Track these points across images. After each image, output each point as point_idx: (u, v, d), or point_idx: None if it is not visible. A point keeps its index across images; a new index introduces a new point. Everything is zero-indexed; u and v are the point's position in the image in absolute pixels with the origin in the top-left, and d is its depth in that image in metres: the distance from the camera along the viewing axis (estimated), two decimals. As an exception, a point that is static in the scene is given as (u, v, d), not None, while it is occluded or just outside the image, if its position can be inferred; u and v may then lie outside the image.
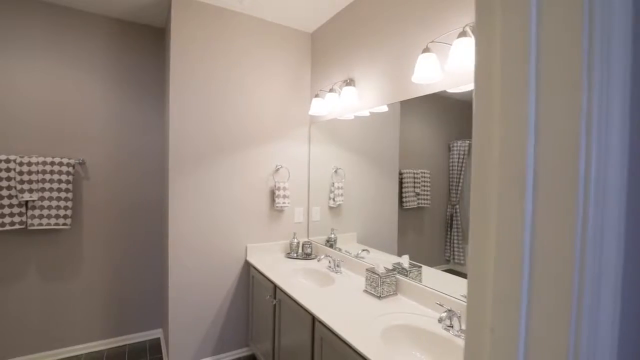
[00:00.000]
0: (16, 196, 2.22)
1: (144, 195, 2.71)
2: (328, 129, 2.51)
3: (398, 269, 1.81)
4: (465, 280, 1.50)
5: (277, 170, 2.56)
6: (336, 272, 2.11)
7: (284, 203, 2.49)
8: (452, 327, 1.36)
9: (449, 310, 1.36)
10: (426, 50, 1.46)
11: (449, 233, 1.58)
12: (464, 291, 1.49)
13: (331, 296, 1.72)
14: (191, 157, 2.24)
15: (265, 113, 2.50)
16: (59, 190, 2.33)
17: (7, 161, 2.21)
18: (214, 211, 2.31)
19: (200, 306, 2.28)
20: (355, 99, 2.03)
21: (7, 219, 2.20)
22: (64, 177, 2.35)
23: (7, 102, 2.26)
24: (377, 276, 1.71)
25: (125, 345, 2.63)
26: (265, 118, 2.50)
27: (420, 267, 1.70)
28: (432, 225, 1.67)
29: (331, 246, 2.44)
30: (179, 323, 2.21)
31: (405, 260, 1.82)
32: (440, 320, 1.36)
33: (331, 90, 2.18)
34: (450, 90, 1.52)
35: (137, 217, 2.68)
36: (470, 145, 1.48)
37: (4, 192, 2.20)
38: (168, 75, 2.26)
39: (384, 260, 1.93)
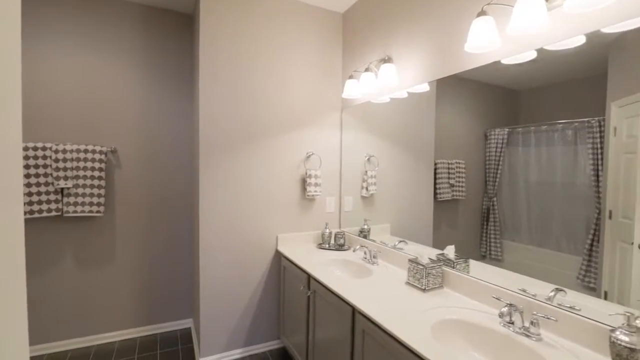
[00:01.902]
0: (52, 183, 2.25)
1: (175, 184, 2.69)
2: (360, 114, 2.38)
3: (443, 260, 1.66)
4: (519, 275, 1.37)
5: (308, 157, 2.46)
6: (372, 264, 1.98)
7: (315, 191, 2.39)
8: (512, 323, 1.20)
9: (510, 305, 1.21)
10: (482, 13, 1.29)
11: (485, 227, 1.48)
12: (520, 285, 1.35)
13: (370, 288, 1.60)
14: (221, 144, 2.17)
15: (295, 98, 2.40)
16: (92, 177, 2.34)
17: (44, 149, 2.23)
18: (243, 199, 2.25)
19: (230, 296, 2.22)
20: (395, 78, 1.88)
21: (44, 206, 2.23)
22: (97, 165, 2.35)
23: (42, 91, 2.29)
24: (421, 267, 1.57)
25: (157, 334, 2.63)
26: (296, 103, 2.40)
27: (467, 259, 1.55)
28: (466, 218, 1.57)
29: (365, 237, 2.32)
30: (210, 314, 2.17)
31: (450, 252, 1.67)
32: (501, 315, 1.20)
33: (367, 70, 2.04)
34: (505, 61, 1.35)
35: (168, 206, 2.67)
36: (509, 134, 1.35)
37: (41, 179, 2.22)
38: (197, 62, 2.21)
39: (425, 253, 1.79)
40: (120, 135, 2.50)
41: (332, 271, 2.06)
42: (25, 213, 2.17)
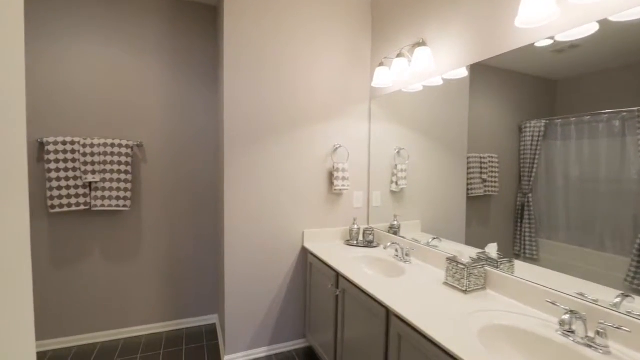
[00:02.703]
0: (80, 177, 2.27)
1: (200, 178, 2.66)
2: (390, 105, 2.25)
3: (485, 259, 1.52)
4: (570, 277, 1.20)
5: (336, 150, 2.36)
6: (405, 262, 1.86)
7: (343, 185, 2.29)
8: (572, 332, 1.06)
9: (572, 312, 1.07)
10: (538, -20, 1.14)
11: (519, 225, 1.40)
12: (574, 288, 1.20)
13: (404, 288, 1.48)
14: (246, 137, 2.11)
15: (322, 88, 2.30)
16: (119, 172, 2.34)
17: (72, 143, 2.25)
18: (269, 193, 2.18)
19: (256, 293, 2.17)
20: (430, 62, 1.74)
21: (73, 200, 2.25)
22: (123, 159, 2.35)
23: (69, 86, 2.30)
24: (462, 267, 1.44)
25: (182, 329, 2.63)
26: (322, 94, 2.31)
27: (511, 258, 1.41)
28: (499, 215, 1.50)
29: (395, 234, 2.20)
30: (235, 310, 2.12)
31: (492, 250, 1.53)
32: (562, 323, 1.06)
33: (399, 56, 1.91)
34: (560, 37, 1.20)
35: (194, 201, 2.65)
36: (547, 127, 1.27)
37: (70, 174, 2.25)
38: (222, 53, 2.15)
39: (463, 251, 1.65)
40: (146, 129, 2.50)
41: (362, 269, 1.95)
42: (54, 207, 2.20)
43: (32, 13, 2.20)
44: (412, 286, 1.50)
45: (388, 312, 1.35)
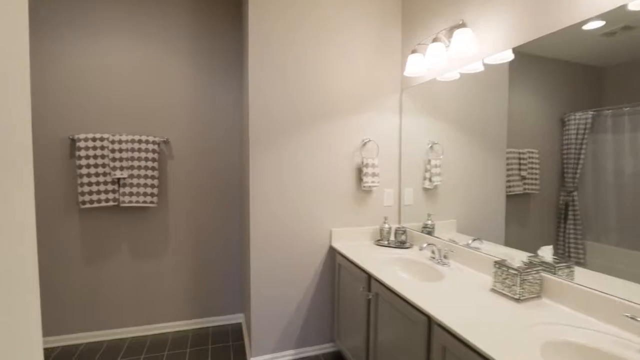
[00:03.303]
0: (109, 173, 2.27)
1: (226, 175, 2.62)
2: (423, 96, 2.09)
3: (539, 263, 1.35)
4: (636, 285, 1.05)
5: (365, 144, 2.23)
6: (443, 265, 1.71)
7: (372, 182, 2.16)
8: (659, 354, 0.88)
9: (660, 330, 0.89)
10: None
11: (562, 225, 1.29)
12: None
13: (446, 294, 1.34)
14: (271, 133, 2.03)
15: (349, 81, 2.18)
16: (146, 168, 2.34)
17: (102, 139, 2.26)
18: (295, 190, 2.09)
19: (282, 293, 2.08)
20: (472, 45, 1.58)
21: (103, 196, 2.27)
22: (150, 155, 2.34)
23: (98, 83, 2.32)
24: (514, 272, 1.27)
25: (209, 327, 2.60)
26: (350, 87, 2.18)
27: (570, 263, 1.24)
28: (539, 215, 1.39)
29: (429, 234, 2.04)
30: (261, 311, 2.05)
31: (546, 253, 1.35)
32: (650, 344, 0.89)
33: (435, 40, 1.76)
34: (633, 6, 1.01)
35: (220, 197, 2.61)
36: (594, 119, 1.17)
37: (99, 170, 2.26)
38: (246, 47, 2.08)
39: (508, 254, 1.49)
40: (173, 125, 2.48)
41: (395, 272, 1.82)
42: (85, 203, 2.22)
43: (66, 12, 2.23)
44: (454, 292, 1.35)
45: (430, 321, 1.21)
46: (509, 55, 1.49)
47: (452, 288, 1.40)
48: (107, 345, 2.33)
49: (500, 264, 1.34)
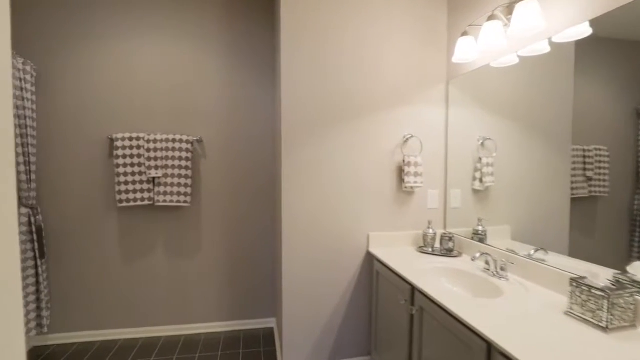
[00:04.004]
0: (145, 173, 2.28)
1: (260, 174, 2.54)
2: (473, 85, 1.86)
3: (628, 283, 1.09)
4: None
5: (406, 141, 2.03)
6: (500, 278, 1.47)
7: (415, 182, 1.95)
8: None
9: None
10: None
11: (638, 234, 1.10)
12: None
13: (507, 315, 1.12)
14: (305, 128, 1.90)
15: (389, 72, 1.99)
16: (180, 167, 2.32)
17: (138, 139, 2.27)
18: (330, 191, 1.94)
19: (315, 300, 1.95)
20: (538, 19, 1.33)
21: (139, 195, 2.28)
22: (184, 155, 2.32)
23: (135, 83, 2.34)
24: (599, 294, 1.03)
25: (240, 330, 2.53)
26: (390, 78, 2.00)
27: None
28: (608, 222, 1.21)
29: (480, 241, 1.80)
30: (293, 318, 1.93)
31: (638, 270, 1.08)
32: None
33: (491, 18, 1.53)
34: None
35: (253, 197, 2.54)
36: None
37: (135, 169, 2.27)
38: (278, 39, 1.97)
39: (583, 269, 1.24)
40: (206, 124, 2.45)
41: (442, 284, 1.61)
42: (122, 201, 2.24)
43: (105, 15, 2.28)
44: (518, 314, 1.13)
45: (490, 348, 1.01)
46: (585, 30, 1.24)
47: (515, 308, 1.18)
48: (143, 343, 2.34)
49: (579, 282, 1.10)
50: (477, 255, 1.54)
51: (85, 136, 2.30)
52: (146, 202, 2.30)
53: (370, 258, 2.01)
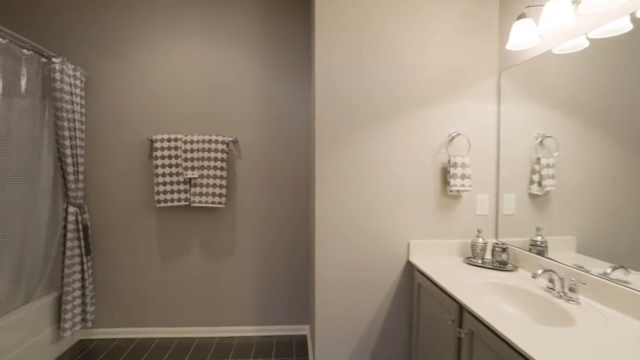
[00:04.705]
0: (182, 173, 2.30)
1: (295, 175, 2.48)
2: (530, 76, 1.63)
3: None
4: None
5: (452, 139, 1.84)
6: (568, 301, 1.25)
7: (462, 185, 1.76)
8: None
9: None
10: None
11: None
12: None
13: (585, 350, 0.91)
14: (340, 127, 1.79)
15: (433, 64, 1.82)
16: (215, 168, 2.31)
17: (175, 140, 2.30)
18: (367, 193, 1.81)
19: (350, 310, 1.82)
20: (622, -9, 1.11)
21: (175, 195, 2.31)
22: (219, 155, 2.32)
23: (172, 84, 2.38)
24: None
25: (273, 336, 2.47)
26: (434, 70, 1.82)
27: None
28: None
29: (539, 254, 1.57)
30: (327, 329, 1.81)
31: None
32: None
33: (557, -5, 1.31)
34: None
35: (287, 199, 2.48)
36: None
37: (173, 170, 2.30)
38: (314, 35, 1.88)
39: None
40: (241, 124, 2.43)
41: (497, 304, 1.41)
42: (160, 202, 2.28)
43: (143, 16, 2.34)
44: (597, 350, 0.92)
45: (561, 392, 0.82)
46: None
47: (593, 342, 0.96)
48: (178, 343, 2.36)
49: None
50: (540, 271, 1.32)
51: (127, 138, 2.38)
52: (183, 203, 2.32)
53: (410, 268, 1.84)
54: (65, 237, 2.15)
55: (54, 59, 2.05)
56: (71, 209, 2.17)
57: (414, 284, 1.79)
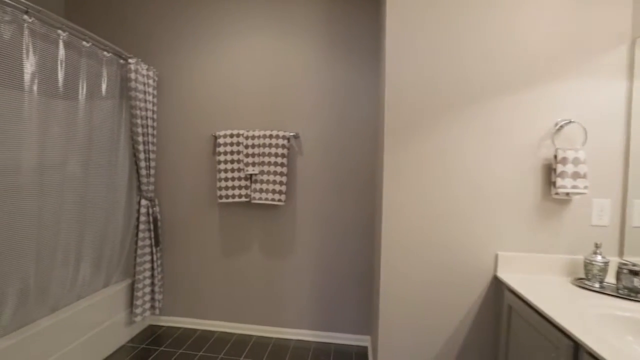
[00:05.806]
0: (243, 169, 2.27)
1: (359, 173, 2.28)
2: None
3: None
4: None
5: (560, 129, 1.46)
6: None
7: (574, 186, 1.38)
8: None
9: None
10: None
11: None
12: None
13: None
14: (413, 119, 1.54)
15: (533, 35, 1.47)
16: (276, 164, 2.23)
17: (237, 135, 2.28)
18: (443, 196, 1.53)
19: (418, 330, 1.57)
20: None
21: (237, 191, 2.28)
22: (279, 151, 2.23)
23: (236, 80, 2.36)
24: None
25: (331, 344, 2.31)
26: (535, 43, 1.47)
27: None
28: None
29: (693, 282, 1.13)
30: (390, 343, 1.59)
31: None
32: None
33: None
34: None
35: (351, 200, 2.29)
36: None
37: (235, 165, 2.28)
38: (384, 18, 1.66)
39: None
40: (302, 119, 2.31)
41: (630, 347, 1.04)
42: (222, 197, 2.28)
43: (210, 10, 2.36)
44: None
45: None
46: None
47: None
48: (236, 339, 2.34)
49: None
50: None
51: (194, 133, 2.43)
52: (243, 199, 2.29)
53: (498, 285, 1.51)
54: (138, 228, 2.26)
55: (129, 60, 2.16)
56: (143, 202, 2.28)
57: (503, 305, 1.46)
